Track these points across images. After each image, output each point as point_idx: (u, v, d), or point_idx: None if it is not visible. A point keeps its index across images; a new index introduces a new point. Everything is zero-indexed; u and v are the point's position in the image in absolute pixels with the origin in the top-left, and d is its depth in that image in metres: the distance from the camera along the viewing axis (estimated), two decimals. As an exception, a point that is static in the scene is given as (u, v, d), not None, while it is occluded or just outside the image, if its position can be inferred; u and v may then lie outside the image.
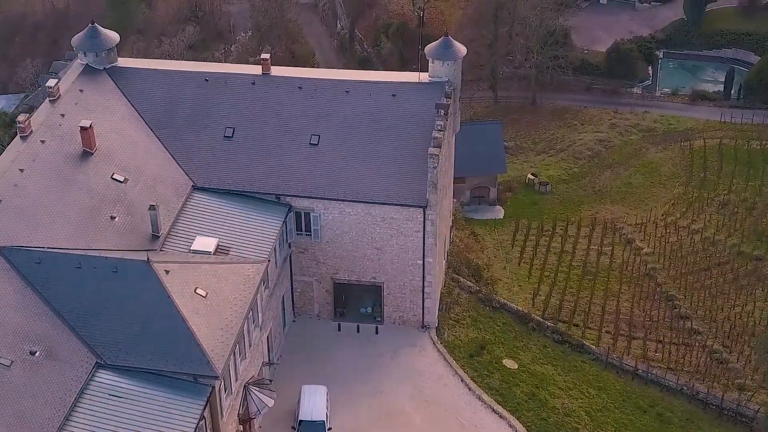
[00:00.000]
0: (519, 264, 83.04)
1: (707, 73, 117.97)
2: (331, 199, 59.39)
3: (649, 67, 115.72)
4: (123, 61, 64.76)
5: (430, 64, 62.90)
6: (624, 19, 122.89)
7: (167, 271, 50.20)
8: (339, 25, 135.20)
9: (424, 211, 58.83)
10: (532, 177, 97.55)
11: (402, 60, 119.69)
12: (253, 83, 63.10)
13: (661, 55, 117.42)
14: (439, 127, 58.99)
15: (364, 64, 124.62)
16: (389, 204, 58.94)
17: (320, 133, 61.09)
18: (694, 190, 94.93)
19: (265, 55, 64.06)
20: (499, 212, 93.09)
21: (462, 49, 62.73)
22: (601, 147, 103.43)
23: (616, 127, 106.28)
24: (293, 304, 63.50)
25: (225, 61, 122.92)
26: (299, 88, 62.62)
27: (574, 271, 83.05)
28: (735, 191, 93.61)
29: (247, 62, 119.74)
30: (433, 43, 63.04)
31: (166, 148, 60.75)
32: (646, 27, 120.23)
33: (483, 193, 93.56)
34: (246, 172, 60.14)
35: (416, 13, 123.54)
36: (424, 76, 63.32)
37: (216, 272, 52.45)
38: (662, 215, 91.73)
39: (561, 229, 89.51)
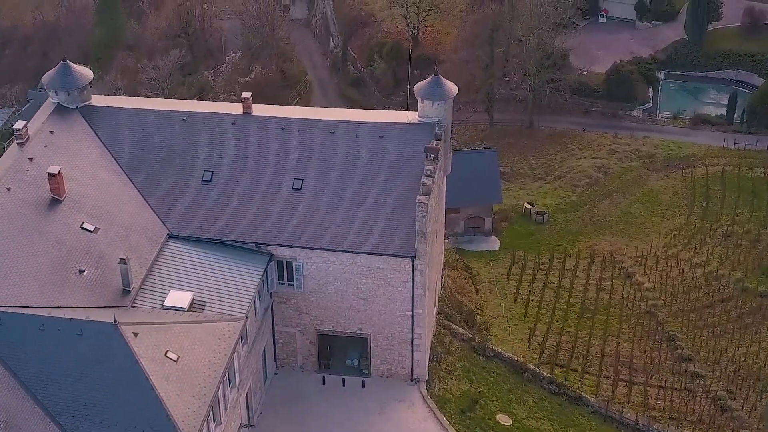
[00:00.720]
0: (515, 301, 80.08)
1: (709, 96, 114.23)
2: (314, 248, 56.27)
3: (650, 89, 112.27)
4: (97, 100, 61.57)
5: (419, 104, 59.82)
6: (624, 38, 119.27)
7: (135, 334, 47.09)
8: (332, 43, 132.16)
9: (412, 261, 55.71)
10: (529, 206, 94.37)
11: (395, 80, 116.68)
12: (234, 123, 60.03)
13: (661, 77, 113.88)
14: (428, 173, 55.87)
15: (357, 84, 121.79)
16: (375, 254, 55.79)
17: (303, 176, 58.01)
18: (696, 220, 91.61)
19: (246, 95, 60.93)
20: (494, 243, 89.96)
21: (453, 89, 59.65)
22: (599, 174, 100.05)
23: (615, 152, 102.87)
24: (275, 355, 60.36)
25: (214, 82, 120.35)
26: (282, 128, 59.58)
27: (572, 308, 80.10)
28: (738, 222, 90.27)
29: (237, 83, 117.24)
30: (423, 82, 59.94)
31: (140, 193, 57.68)
32: (646, 47, 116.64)
33: (478, 224, 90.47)
34: (224, 219, 57.07)
35: (410, 32, 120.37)
36: (413, 116, 60.24)
37: (189, 333, 49.30)
38: (663, 247, 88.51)
39: (559, 262, 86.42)
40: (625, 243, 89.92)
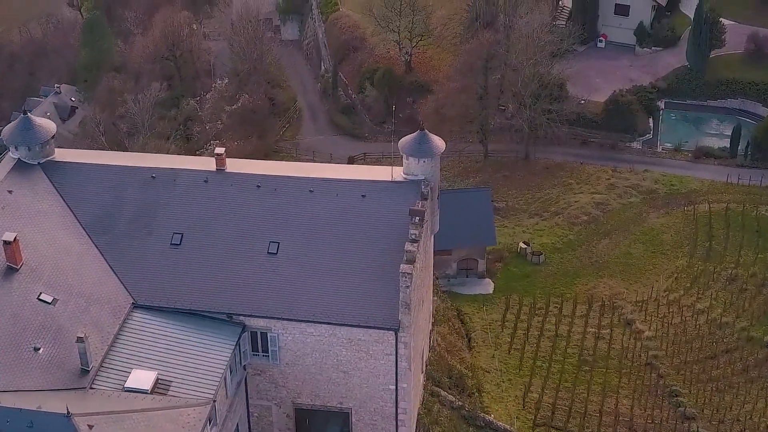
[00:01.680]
0: (509, 352, 76.40)
1: (712, 126, 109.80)
2: (290, 320, 52.32)
3: (650, 119, 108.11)
4: (60, 154, 57.56)
5: (404, 161, 55.89)
6: (623, 64, 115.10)
7: (90, 426, 43.14)
8: (323, 67, 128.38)
9: (396, 334, 51.77)
10: (524, 246, 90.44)
11: (387, 107, 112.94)
12: (206, 181, 56.09)
13: (662, 106, 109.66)
14: (413, 237, 51.87)
15: (348, 111, 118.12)
16: (356, 326, 51.87)
17: (280, 240, 54.06)
18: (699, 262, 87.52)
19: (220, 150, 57.01)
20: (488, 286, 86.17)
21: (440, 144, 55.69)
22: (598, 211, 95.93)
23: (614, 188, 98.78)
24: (249, 429, 56.34)
25: (200, 110, 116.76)
26: (257, 186, 55.64)
27: (570, 359, 76.35)
28: (743, 264, 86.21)
29: (223, 110, 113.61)
30: (407, 138, 55.96)
31: (104, 257, 53.66)
32: (646, 74, 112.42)
33: (471, 266, 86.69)
34: (194, 287, 53.05)
35: (403, 58, 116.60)
36: (397, 172, 56.33)
37: (150, 422, 45.34)
38: (664, 291, 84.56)
39: (555, 307, 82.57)
40: (624, 286, 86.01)
